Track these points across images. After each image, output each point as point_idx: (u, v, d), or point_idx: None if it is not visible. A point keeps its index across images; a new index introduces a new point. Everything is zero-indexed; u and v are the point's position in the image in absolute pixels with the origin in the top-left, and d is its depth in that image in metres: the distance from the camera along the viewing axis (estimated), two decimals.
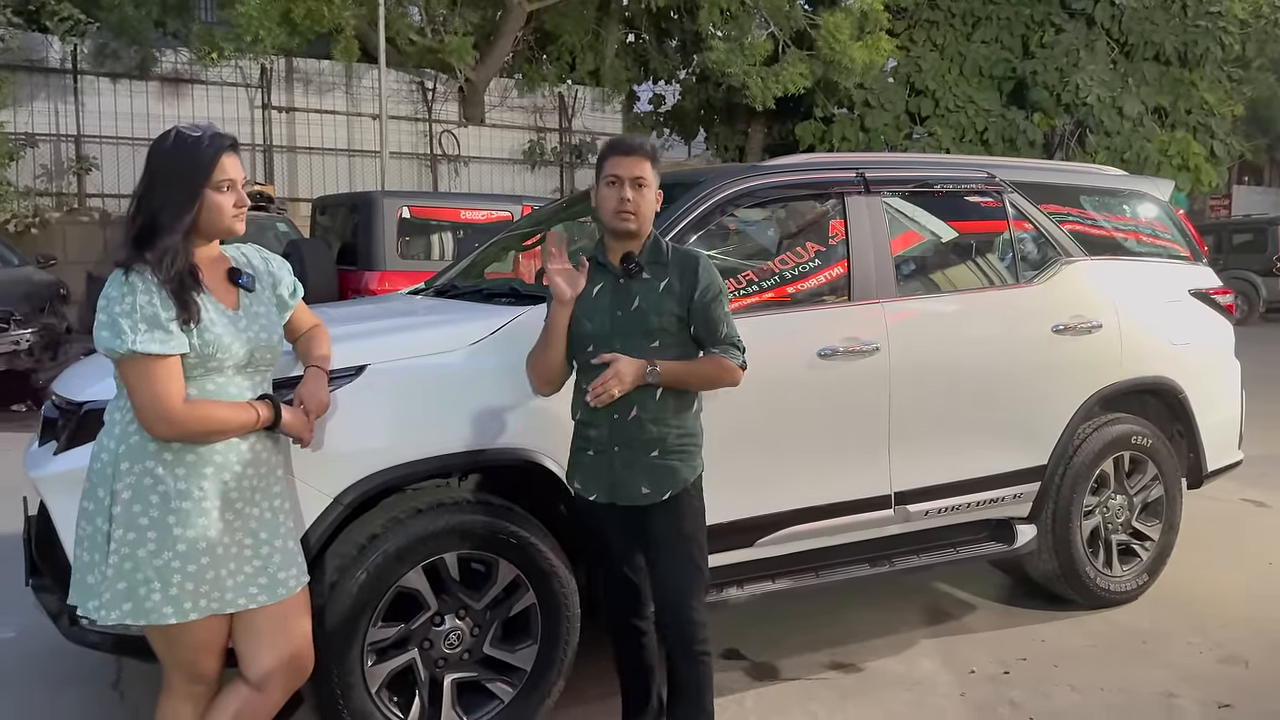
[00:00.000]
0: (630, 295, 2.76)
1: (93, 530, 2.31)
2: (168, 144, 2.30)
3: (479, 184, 17.80)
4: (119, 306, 2.20)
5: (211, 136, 2.32)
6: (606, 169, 2.77)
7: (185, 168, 2.28)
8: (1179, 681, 3.68)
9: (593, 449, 2.79)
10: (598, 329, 2.76)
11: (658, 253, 2.80)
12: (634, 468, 2.74)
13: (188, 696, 2.44)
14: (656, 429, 2.73)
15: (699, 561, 2.83)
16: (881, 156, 4.40)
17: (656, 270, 2.77)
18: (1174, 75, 18.02)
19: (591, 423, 2.78)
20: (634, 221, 2.74)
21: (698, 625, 2.81)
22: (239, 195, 2.34)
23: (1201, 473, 4.62)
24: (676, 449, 2.76)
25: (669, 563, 2.79)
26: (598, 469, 2.79)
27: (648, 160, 2.76)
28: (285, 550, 2.44)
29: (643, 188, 2.74)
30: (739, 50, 15.96)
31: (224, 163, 2.30)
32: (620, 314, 2.75)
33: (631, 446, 2.74)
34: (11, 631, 4.08)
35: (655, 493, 2.75)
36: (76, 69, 14.95)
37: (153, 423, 2.22)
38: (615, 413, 2.72)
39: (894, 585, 4.50)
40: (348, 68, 16.50)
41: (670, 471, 2.75)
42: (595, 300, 2.78)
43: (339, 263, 8.89)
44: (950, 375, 3.86)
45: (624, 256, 2.77)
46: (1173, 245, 4.74)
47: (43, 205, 14.25)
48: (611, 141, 2.86)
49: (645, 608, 2.92)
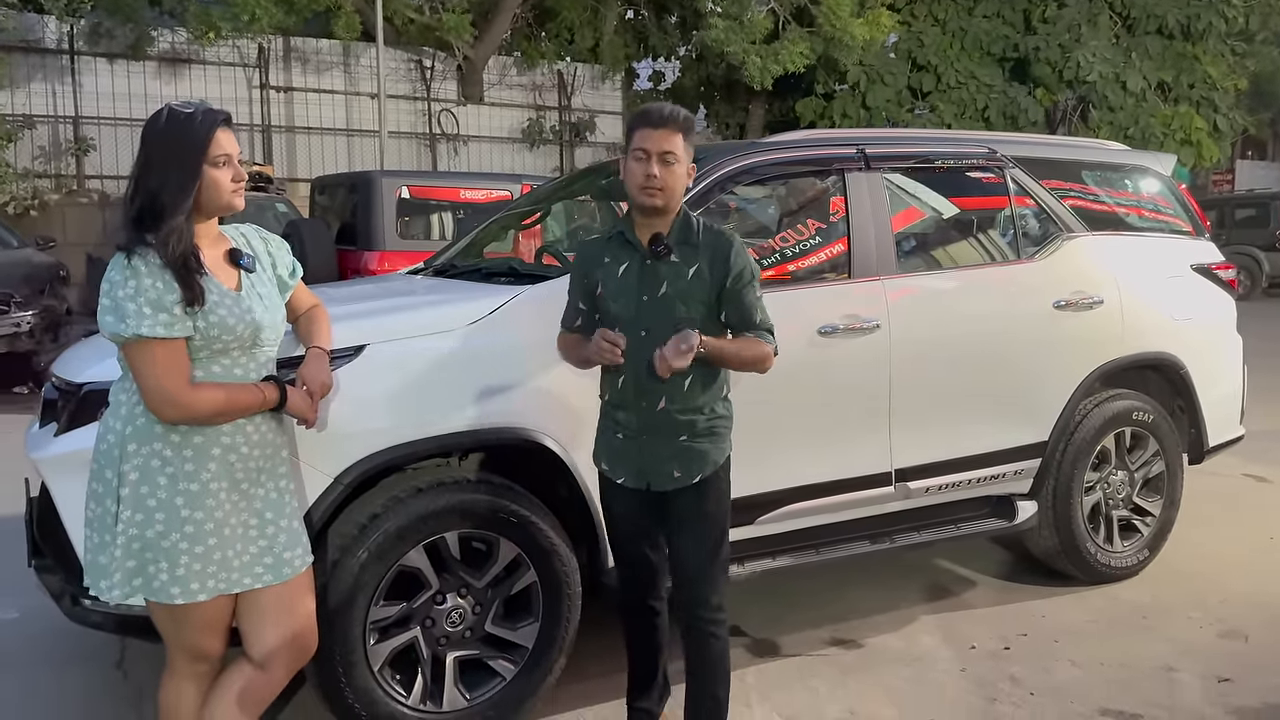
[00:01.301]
0: (658, 279, 2.65)
1: (101, 511, 2.31)
2: (161, 123, 2.28)
3: (478, 163, 17.74)
4: (122, 290, 2.19)
5: (205, 112, 2.30)
6: (634, 141, 2.64)
7: (181, 145, 2.26)
8: (1179, 656, 3.69)
9: (621, 433, 2.74)
10: (623, 312, 2.67)
11: (688, 232, 2.68)
12: (663, 453, 2.70)
13: (191, 675, 2.45)
14: (684, 417, 2.68)
15: (721, 542, 2.78)
16: (881, 132, 4.38)
17: (686, 252, 2.65)
18: (1177, 49, 17.90)
19: (620, 405, 2.73)
20: (660, 198, 2.61)
21: (716, 605, 2.76)
22: (236, 170, 2.32)
23: (1203, 448, 4.62)
24: (706, 432, 2.71)
25: (691, 542, 2.74)
26: (626, 453, 2.74)
27: (679, 133, 2.62)
28: (290, 530, 2.44)
29: (671, 163, 2.60)
30: (738, 28, 15.82)
31: (219, 137, 2.28)
32: (646, 299, 2.65)
33: (660, 433, 2.69)
34: (15, 612, 4.10)
35: (685, 476, 2.70)
36: (73, 49, 14.88)
37: (159, 406, 2.21)
38: (644, 401, 2.67)
39: (895, 562, 4.51)
40: (345, 47, 16.42)
41: (700, 455, 2.70)
42: (622, 280, 2.69)
43: (338, 243, 8.88)
44: (951, 352, 3.85)
45: (652, 238, 2.65)
46: (1175, 220, 4.72)
47: (41, 187, 14.21)
48: (641, 111, 2.70)
49: (661, 587, 2.88)
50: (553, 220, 5.42)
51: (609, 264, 2.71)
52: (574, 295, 2.84)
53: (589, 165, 11.49)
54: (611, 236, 2.75)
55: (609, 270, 2.70)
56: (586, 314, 2.79)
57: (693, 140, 2.66)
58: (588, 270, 2.77)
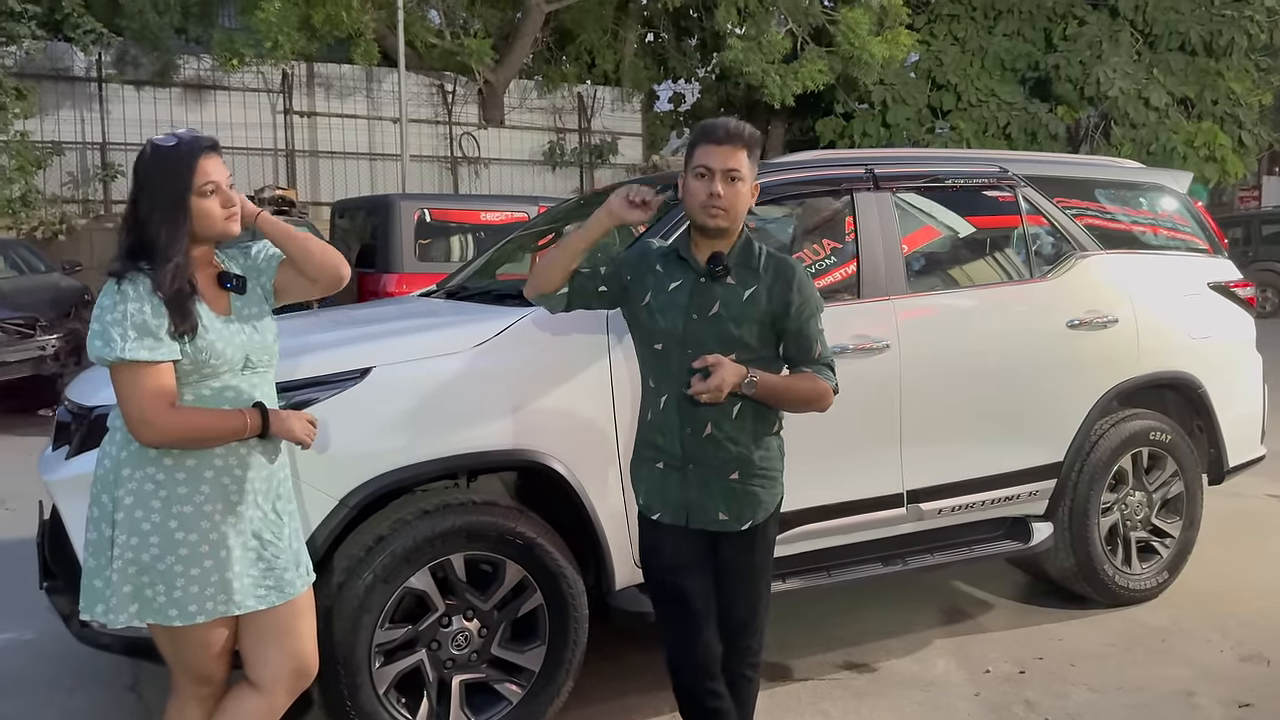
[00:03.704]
0: (710, 298, 2.50)
1: (98, 535, 2.32)
2: (145, 157, 2.29)
3: (499, 185, 17.87)
4: (110, 315, 2.21)
5: (187, 142, 2.29)
6: (696, 158, 2.48)
7: (166, 178, 2.26)
8: (1199, 680, 3.62)
9: (662, 461, 2.54)
10: (669, 327, 2.51)
11: (749, 256, 2.53)
12: (709, 488, 2.50)
13: (194, 698, 2.45)
14: (735, 449, 2.49)
15: (766, 593, 2.65)
16: (891, 152, 4.35)
17: (745, 275, 2.51)
18: (1200, 65, 17.77)
19: (662, 428, 2.54)
20: (724, 219, 2.46)
21: (753, 651, 2.66)
22: (225, 196, 2.30)
23: (1223, 468, 4.55)
24: (761, 473, 2.53)
25: (737, 597, 2.60)
26: (667, 485, 2.54)
27: (743, 150, 2.46)
28: (291, 551, 2.44)
29: (736, 181, 2.45)
30: (756, 48, 15.89)
31: (203, 166, 2.28)
32: (696, 317, 2.49)
33: (706, 465, 2.50)
34: (32, 634, 4.14)
35: (733, 520, 2.51)
36: (101, 77, 15.14)
37: (138, 428, 2.22)
38: (688, 426, 2.48)
39: (910, 585, 4.47)
40: (368, 72, 16.63)
41: (751, 499, 2.52)
42: (671, 295, 2.53)
43: (358, 265, 8.93)
44: (962, 372, 3.82)
45: (711, 256, 2.49)
46: (1191, 238, 4.67)
47: (69, 212, 14.44)
48: (704, 127, 2.52)
49: (718, 663, 2.60)
50: None
51: (660, 274, 2.57)
52: (607, 266, 2.68)
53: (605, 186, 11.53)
54: (669, 249, 2.62)
55: (659, 281, 2.56)
56: (601, 278, 2.65)
57: (757, 158, 2.52)
58: (638, 269, 2.62)
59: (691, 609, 2.57)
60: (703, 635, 2.57)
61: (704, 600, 2.57)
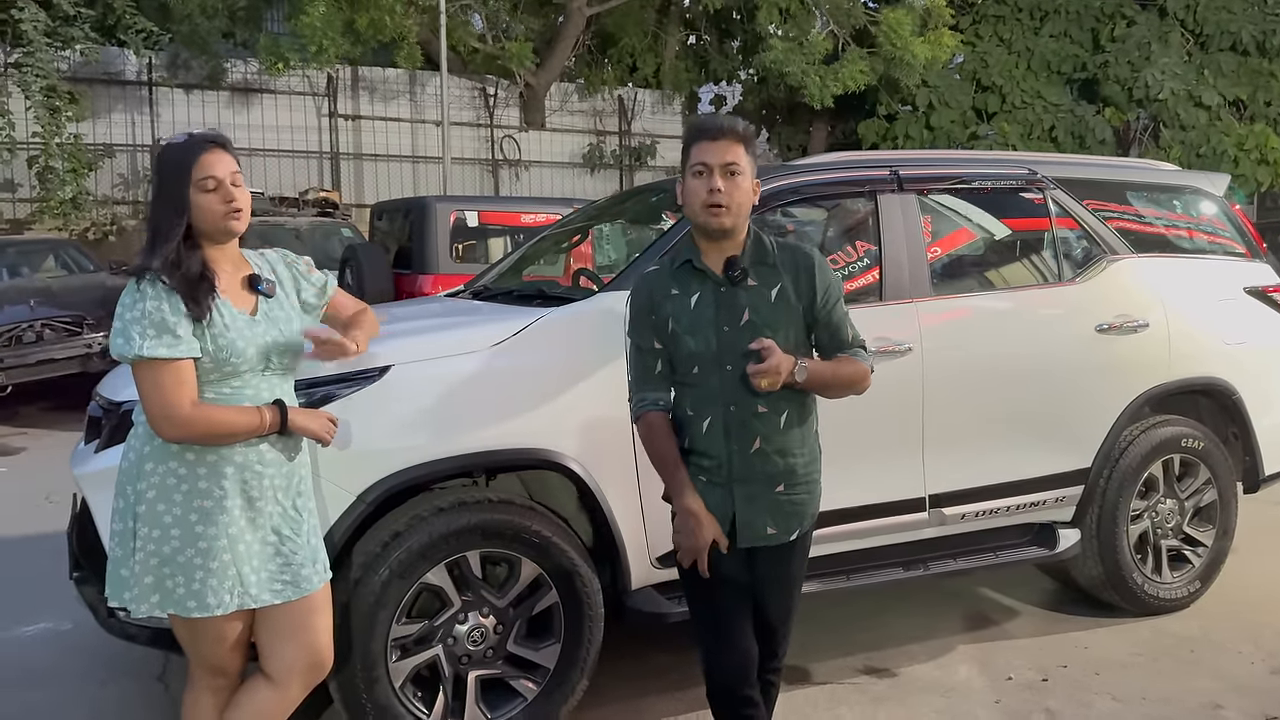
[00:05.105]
0: (738, 307, 2.41)
1: (123, 526, 2.39)
2: (159, 154, 2.39)
3: (539, 188, 17.97)
4: (130, 314, 2.27)
5: (192, 139, 2.36)
6: (693, 156, 2.41)
7: (170, 174, 2.33)
8: (1226, 692, 3.56)
9: (706, 477, 2.46)
10: (701, 348, 2.41)
11: (762, 252, 2.46)
12: (757, 503, 2.44)
13: (209, 689, 2.51)
14: (783, 461, 2.44)
15: (798, 600, 2.65)
16: (917, 154, 4.32)
17: (764, 273, 2.43)
18: (1252, 66, 17.37)
19: (707, 453, 2.44)
20: (727, 216, 2.38)
21: (779, 655, 2.66)
22: (226, 192, 2.33)
23: (1258, 476, 4.46)
24: (805, 480, 2.49)
25: (773, 605, 2.58)
26: (711, 501, 2.43)
27: (739, 144, 2.39)
28: (308, 547, 2.48)
29: (736, 175, 2.37)
30: (797, 49, 15.83)
31: (203, 161, 2.32)
32: (727, 329, 2.40)
33: (754, 481, 2.44)
34: (69, 624, 4.24)
35: (781, 533, 2.47)
36: (151, 81, 15.46)
37: (159, 424, 2.28)
38: (735, 444, 2.41)
39: (935, 591, 4.44)
40: (411, 76, 16.81)
41: (798, 510, 2.49)
42: (696, 312, 2.42)
43: (395, 266, 9.04)
44: (987, 376, 3.79)
45: (727, 263, 2.42)
46: (1228, 242, 4.59)
47: (119, 214, 14.76)
48: (696, 124, 2.48)
49: (754, 669, 2.56)
50: (606, 243, 5.48)
51: (678, 295, 2.45)
52: (642, 339, 2.49)
53: (634, 187, 11.55)
54: (679, 265, 2.49)
55: (679, 302, 2.44)
56: (661, 352, 2.48)
57: (754, 153, 2.46)
58: (654, 305, 2.48)
59: (730, 617, 2.53)
60: (741, 643, 2.53)
61: (742, 608, 2.54)
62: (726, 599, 2.51)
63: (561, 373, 3.12)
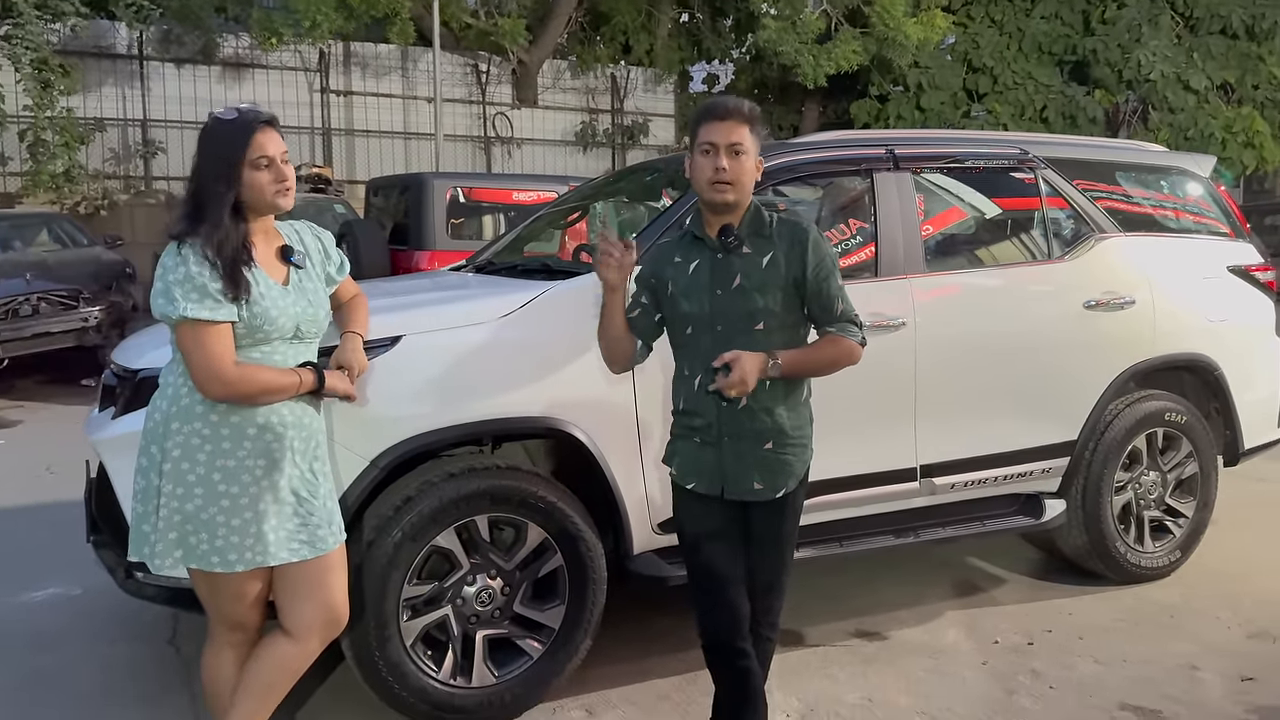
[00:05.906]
0: (730, 272, 2.57)
1: (146, 484, 2.48)
2: (208, 128, 2.45)
3: (532, 165, 17.99)
4: (173, 275, 2.36)
5: (245, 116, 2.44)
6: (700, 136, 2.56)
7: (222, 149, 2.41)
8: (1204, 655, 3.70)
9: (699, 437, 2.62)
10: (696, 309, 2.59)
11: (759, 224, 2.59)
12: (745, 460, 2.58)
13: (229, 644, 2.61)
14: (770, 419, 2.57)
15: (790, 558, 2.73)
16: (912, 133, 4.41)
17: (759, 243, 2.58)
18: (1241, 49, 17.48)
19: (696, 412, 2.61)
20: (732, 193, 2.53)
21: (774, 612, 2.75)
22: (278, 170, 2.44)
23: (1238, 450, 4.60)
24: (793, 442, 2.61)
25: (765, 562, 2.68)
26: (703, 459, 2.62)
27: (745, 124, 2.54)
28: (324, 509, 2.57)
29: (740, 155, 2.52)
30: (791, 29, 15.87)
31: (257, 140, 2.41)
32: (720, 293, 2.57)
33: (742, 437, 2.58)
34: (78, 589, 4.33)
35: (768, 489, 2.59)
36: (143, 55, 15.41)
37: (206, 383, 2.37)
38: (724, 400, 2.55)
39: (925, 559, 4.56)
40: (403, 51, 16.79)
41: (784, 467, 2.60)
42: (693, 278, 2.60)
43: (391, 243, 9.08)
44: (978, 350, 3.89)
45: (722, 229, 2.57)
46: (1213, 222, 4.70)
47: (111, 188, 14.74)
48: (705, 105, 2.62)
49: (747, 622, 2.67)
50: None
51: (680, 263, 2.64)
52: (637, 288, 2.74)
53: (631, 165, 11.61)
54: (684, 236, 2.70)
55: (679, 269, 2.63)
56: (647, 308, 2.71)
57: (759, 133, 2.59)
58: (657, 270, 2.69)
59: (722, 573, 2.65)
60: (733, 598, 2.64)
61: (734, 565, 2.66)
62: (719, 558, 2.65)
63: (567, 344, 3.21)
